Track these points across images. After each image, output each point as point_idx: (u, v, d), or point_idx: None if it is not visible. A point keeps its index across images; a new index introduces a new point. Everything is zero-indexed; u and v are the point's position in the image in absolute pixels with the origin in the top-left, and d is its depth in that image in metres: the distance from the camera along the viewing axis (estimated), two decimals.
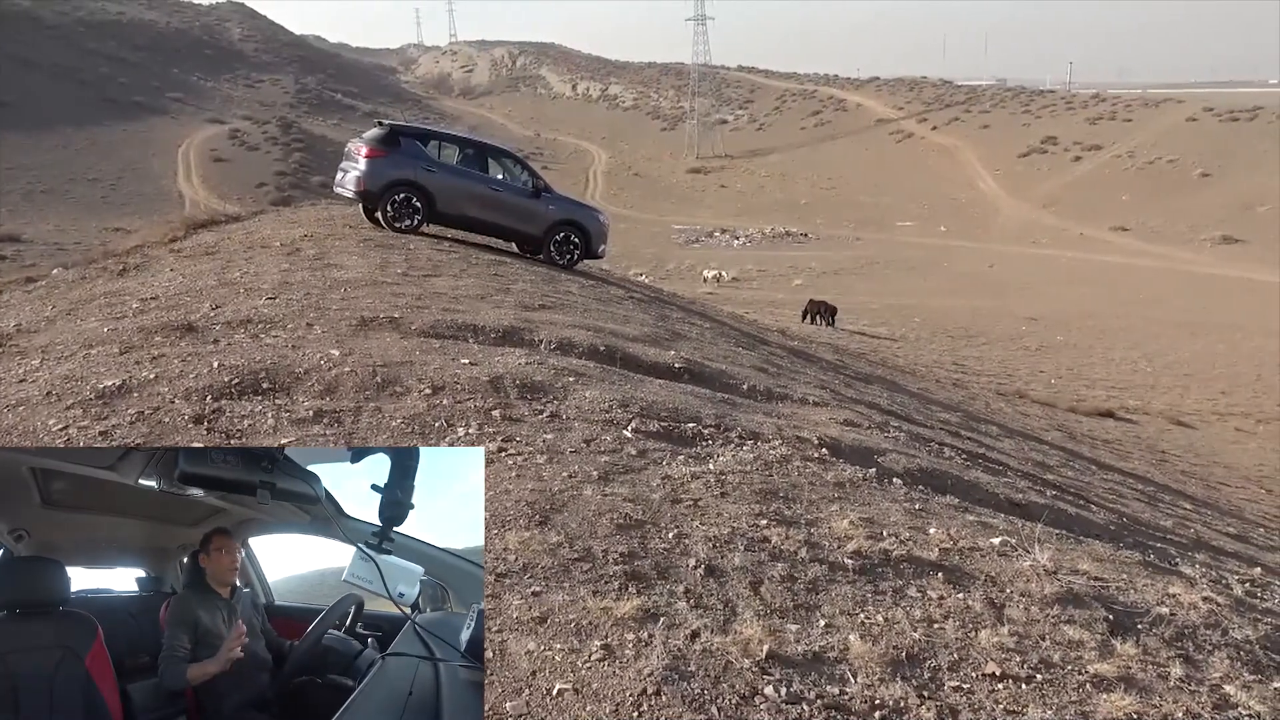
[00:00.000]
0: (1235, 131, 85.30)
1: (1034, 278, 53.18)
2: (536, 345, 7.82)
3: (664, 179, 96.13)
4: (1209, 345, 35.96)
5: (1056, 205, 76.50)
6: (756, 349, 12.97)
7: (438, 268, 11.65)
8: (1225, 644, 4.27)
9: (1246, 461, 22.49)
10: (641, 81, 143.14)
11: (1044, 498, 7.45)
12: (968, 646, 3.71)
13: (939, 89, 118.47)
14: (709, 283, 46.59)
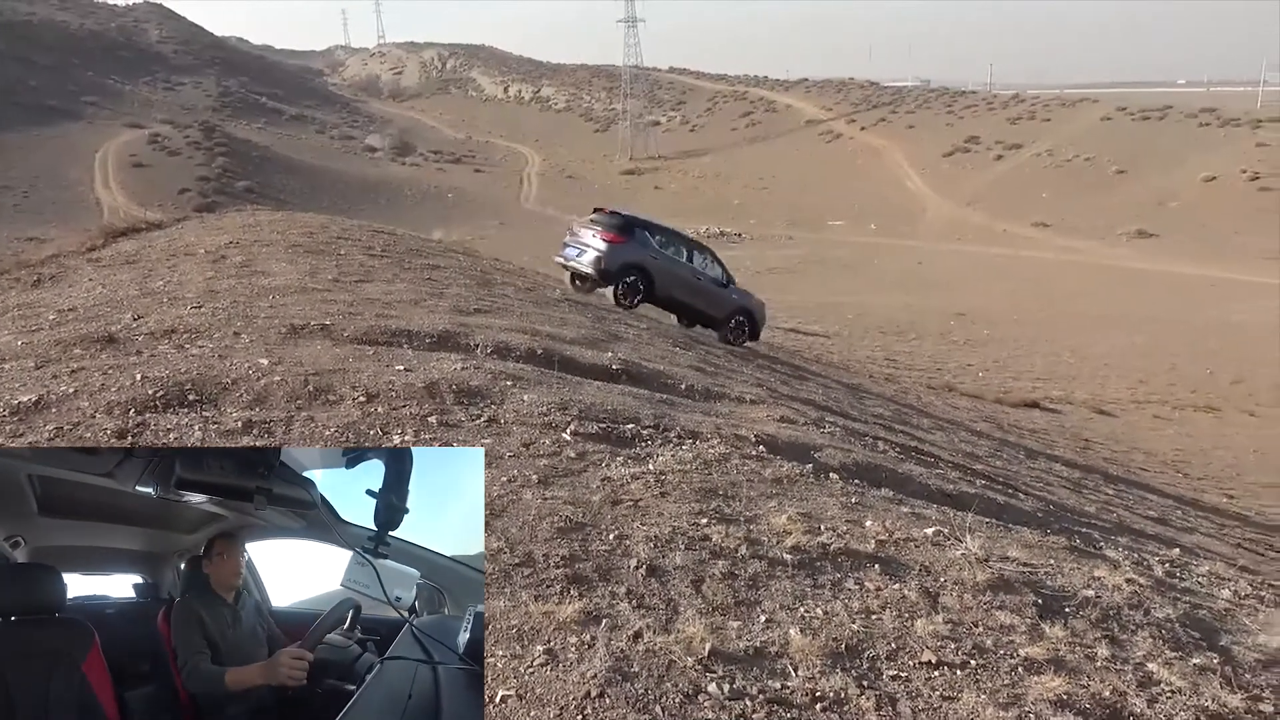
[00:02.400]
0: (1148, 130, 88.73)
1: (961, 274, 54.55)
2: (473, 350, 7.75)
3: (598, 181, 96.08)
4: (1127, 337, 37.33)
5: (980, 203, 78.55)
6: (694, 349, 13.04)
7: (369, 273, 11.46)
8: (1148, 623, 4.45)
9: (1164, 447, 23.41)
10: (574, 83, 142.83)
11: (974, 488, 7.65)
12: (904, 636, 3.79)
13: (866, 90, 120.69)
14: None
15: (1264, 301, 46.86)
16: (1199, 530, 11.51)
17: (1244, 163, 75.75)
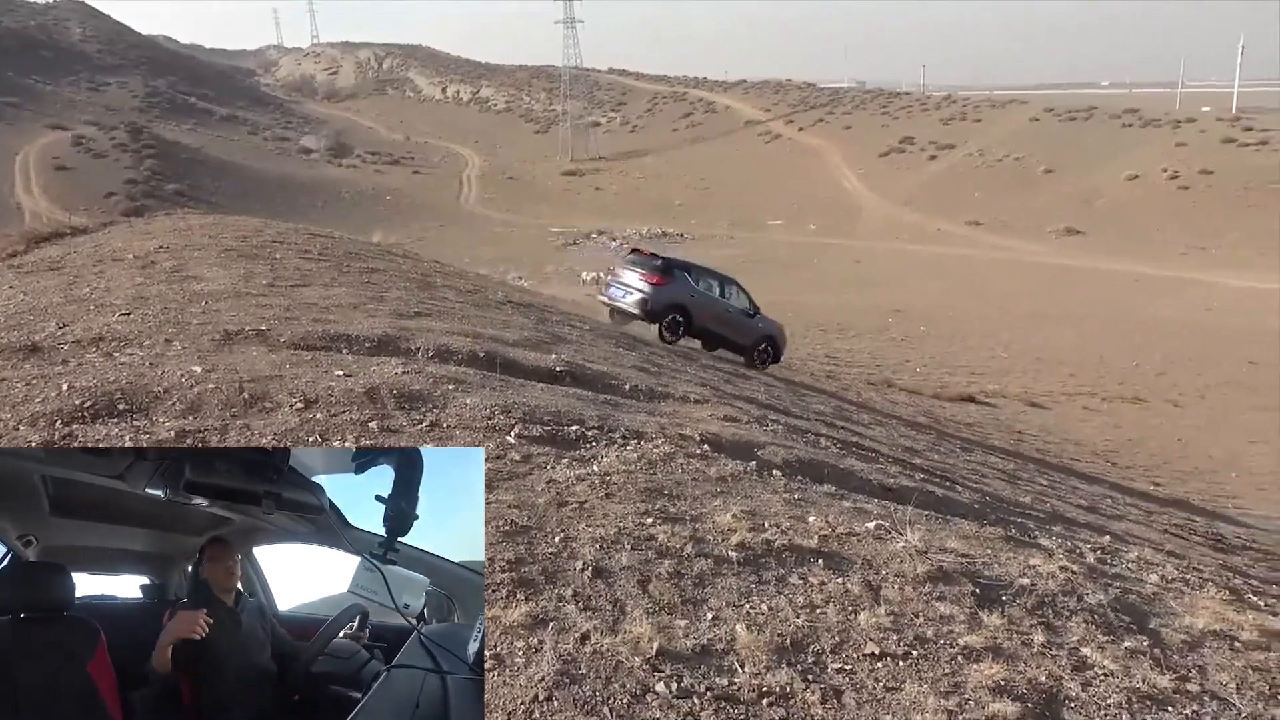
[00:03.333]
0: (1074, 130, 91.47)
1: (897, 272, 55.59)
2: (413, 354, 7.66)
3: (539, 182, 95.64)
4: (1057, 331, 38.44)
5: (915, 202, 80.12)
6: (637, 349, 13.07)
7: (306, 277, 11.25)
8: (1081, 609, 4.58)
9: (1094, 437, 24.15)
10: (513, 84, 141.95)
11: (914, 481, 7.80)
12: (848, 629, 3.85)
13: (803, 91, 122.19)
14: (588, 285, 46.65)
15: (1185, 296, 48.67)
16: (1128, 518, 11.89)
17: (1164, 162, 78.57)
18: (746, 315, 17.78)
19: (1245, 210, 68.11)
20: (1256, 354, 35.32)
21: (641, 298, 16.19)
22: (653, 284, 16.25)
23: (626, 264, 17.09)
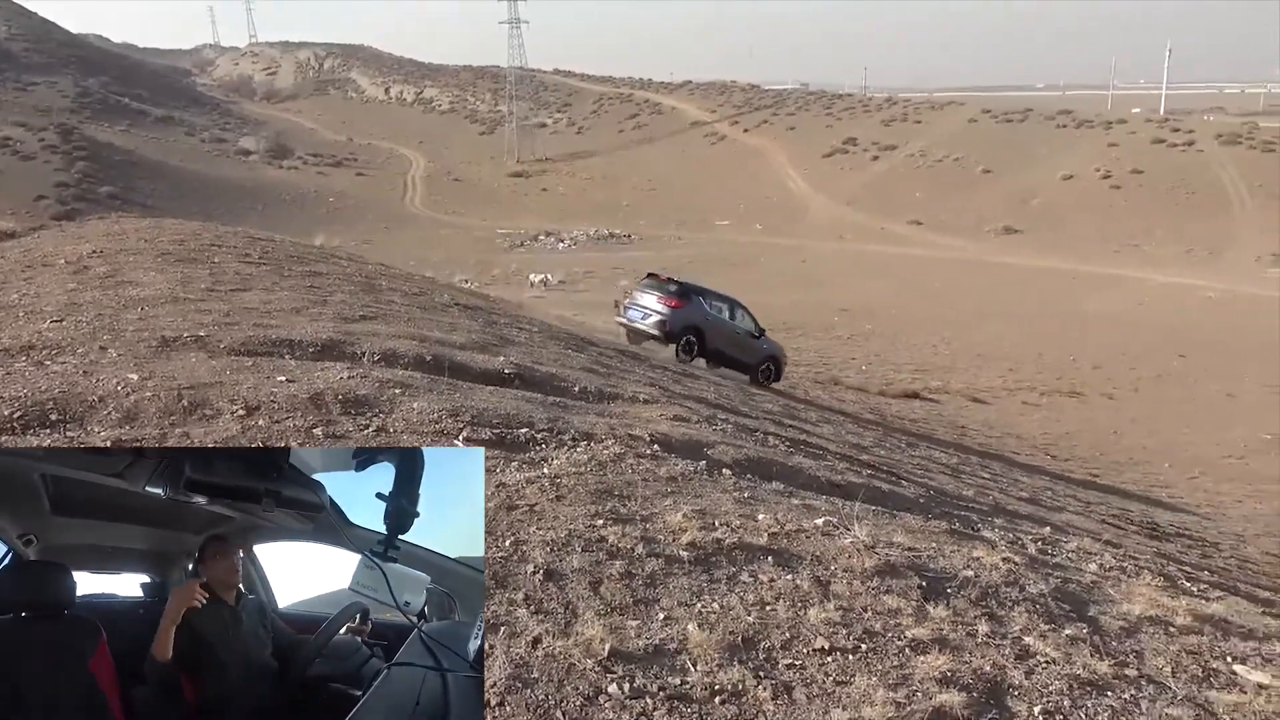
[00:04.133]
0: (1010, 131, 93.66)
1: (843, 271, 56.36)
2: (359, 358, 7.55)
3: (485, 183, 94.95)
4: (997, 327, 39.32)
5: (859, 202, 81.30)
6: (586, 350, 13.05)
7: (246, 281, 11.02)
8: (1023, 599, 4.69)
9: (1034, 431, 24.76)
10: (457, 85, 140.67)
11: (860, 477, 7.92)
12: (798, 625, 3.89)
13: (748, 93, 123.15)
14: (536, 286, 46.45)
15: (1118, 292, 50.15)
16: (1067, 509, 12.21)
17: (1097, 162, 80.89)
18: (753, 336, 18.86)
19: (1174, 208, 70.45)
20: (1185, 348, 36.55)
21: (660, 319, 17.21)
22: (671, 307, 17.29)
23: (643, 288, 18.06)
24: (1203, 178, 75.65)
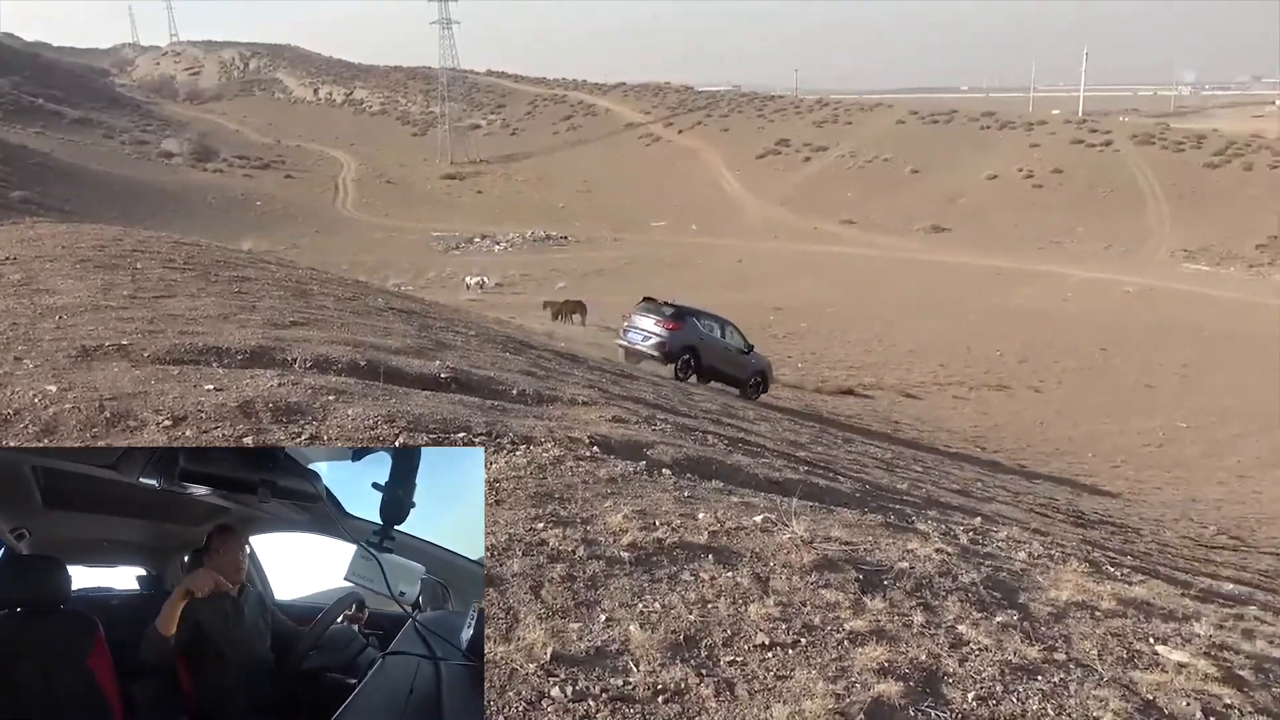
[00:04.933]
0: (937, 132, 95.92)
1: (777, 271, 57.03)
2: (290, 365, 7.38)
3: (418, 186, 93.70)
4: (927, 324, 40.20)
5: (792, 202, 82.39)
6: (524, 353, 12.98)
7: (171, 288, 10.70)
8: (956, 588, 4.81)
9: (964, 424, 25.39)
10: (388, 85, 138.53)
11: (798, 474, 8.02)
12: (739, 621, 3.93)
13: (681, 94, 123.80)
14: (472, 289, 45.99)
15: (1041, 288, 51.72)
16: (997, 499, 12.54)
17: (1020, 162, 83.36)
18: (742, 353, 19.91)
19: (1093, 206, 72.95)
20: (1106, 341, 37.88)
21: (660, 341, 18.38)
22: (669, 330, 18.44)
23: (641, 311, 19.14)
24: (1119, 176, 78.51)
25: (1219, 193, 73.02)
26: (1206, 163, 79.40)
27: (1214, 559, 12.67)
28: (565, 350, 16.89)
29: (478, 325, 16.46)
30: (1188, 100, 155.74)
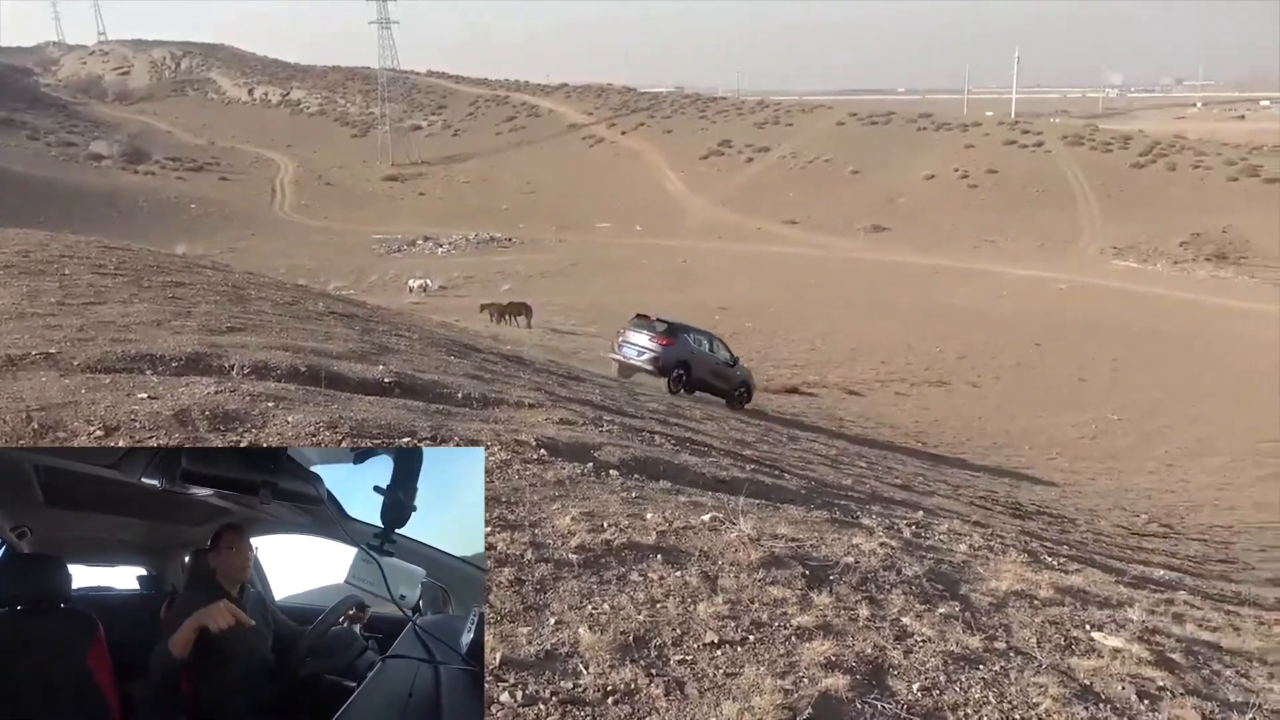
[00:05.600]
0: (876, 134, 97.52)
1: (722, 270, 57.41)
2: (228, 371, 7.21)
3: (359, 187, 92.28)
4: (869, 322, 40.86)
5: (735, 203, 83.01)
6: (469, 357, 12.87)
7: (101, 294, 10.38)
8: (900, 581, 4.90)
9: (905, 420, 25.85)
10: (326, 86, 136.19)
11: (744, 472, 8.09)
12: (688, 620, 3.95)
13: (624, 95, 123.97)
14: (415, 292, 45.42)
15: (978, 285, 52.91)
16: (938, 493, 12.80)
17: (956, 163, 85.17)
18: (728, 365, 20.80)
19: (1026, 206, 74.84)
20: (1041, 336, 38.91)
21: (654, 356, 19.26)
22: (662, 345, 19.32)
23: (634, 327, 19.94)
24: (1051, 176, 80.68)
25: (1145, 192, 75.51)
26: (1133, 163, 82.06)
27: (1146, 546, 13.10)
28: (511, 353, 16.80)
29: (421, 329, 16.28)
30: (1115, 102, 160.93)
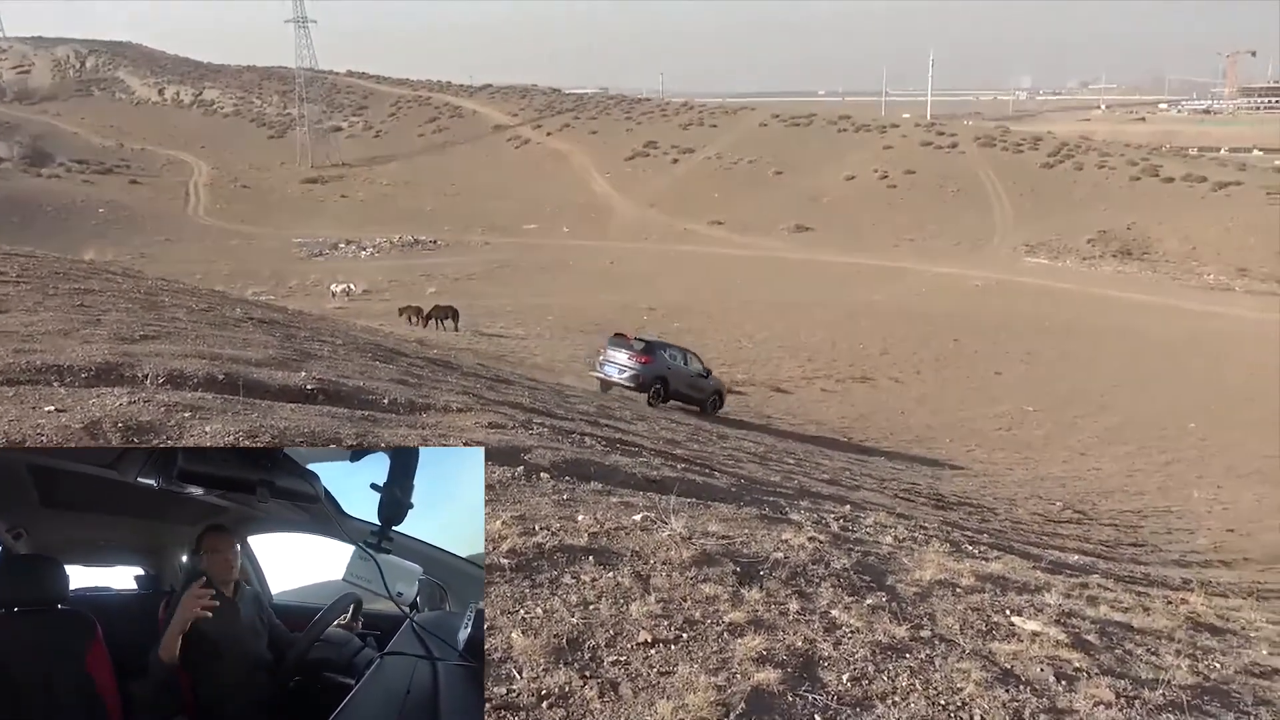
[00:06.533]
0: (798, 135, 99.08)
1: (650, 271, 57.62)
2: (141, 381, 6.96)
3: (277, 190, 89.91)
4: (795, 320, 41.49)
5: (662, 204, 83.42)
6: (395, 361, 12.66)
7: (3, 303, 9.92)
8: (828, 575, 4.99)
9: (832, 416, 26.34)
10: (241, 86, 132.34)
11: (675, 471, 8.14)
12: (621, 621, 3.96)
13: (549, 96, 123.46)
14: (338, 297, 44.45)
15: (899, 283, 54.20)
16: (864, 486, 13.08)
17: (875, 163, 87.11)
18: (702, 377, 21.96)
19: (943, 205, 76.96)
20: (959, 332, 40.04)
21: (634, 373, 20.40)
22: (641, 363, 20.40)
23: (613, 346, 21.00)
24: (966, 177, 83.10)
25: (1054, 191, 78.33)
26: (1043, 163, 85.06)
27: (1061, 533, 13.60)
28: (438, 357, 16.58)
29: (345, 334, 15.96)
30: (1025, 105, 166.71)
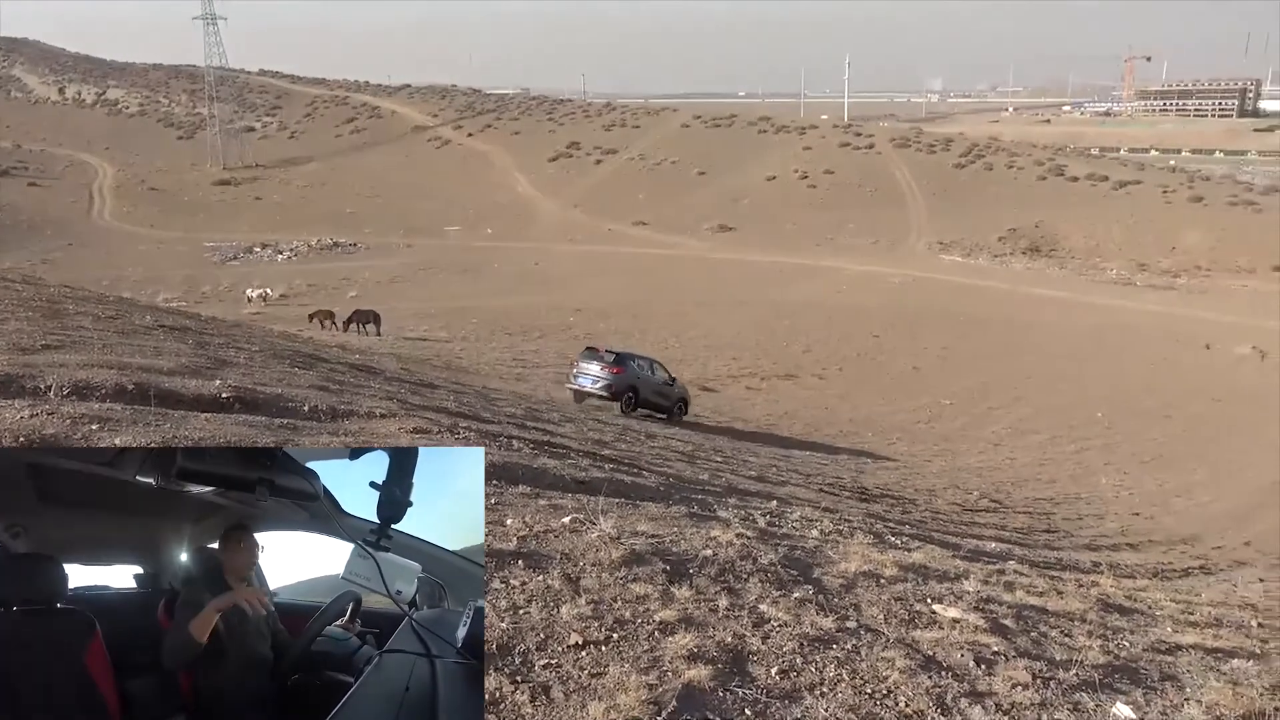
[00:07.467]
0: (719, 136, 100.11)
1: (575, 272, 57.51)
2: (43, 393, 6.65)
3: (187, 192, 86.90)
4: (720, 319, 41.92)
5: (585, 204, 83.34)
6: (315, 368, 12.37)
7: None
8: (756, 570, 5.06)
9: (757, 413, 26.70)
10: (147, 85, 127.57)
11: (604, 472, 8.14)
12: (552, 624, 3.94)
13: (470, 97, 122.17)
14: (254, 302, 43.22)
15: (820, 281, 55.20)
16: (790, 482, 13.28)
17: (795, 164, 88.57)
18: (668, 385, 22.97)
19: (861, 204, 78.63)
20: (878, 328, 41.00)
21: (607, 384, 21.42)
22: (613, 374, 21.41)
23: (585, 359, 22.00)
24: (882, 176, 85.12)
25: (966, 190, 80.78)
26: (955, 163, 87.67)
27: (978, 521, 14.04)
28: (360, 362, 16.26)
29: (262, 340, 15.53)
30: (937, 106, 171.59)
